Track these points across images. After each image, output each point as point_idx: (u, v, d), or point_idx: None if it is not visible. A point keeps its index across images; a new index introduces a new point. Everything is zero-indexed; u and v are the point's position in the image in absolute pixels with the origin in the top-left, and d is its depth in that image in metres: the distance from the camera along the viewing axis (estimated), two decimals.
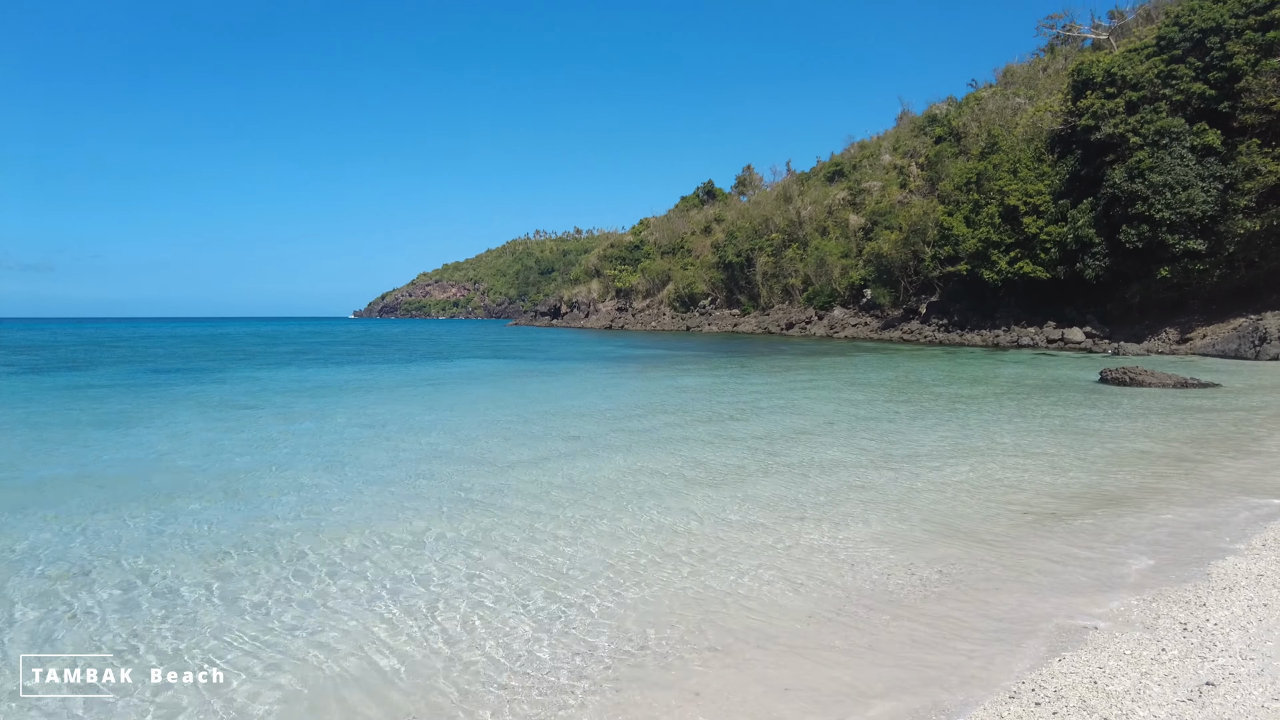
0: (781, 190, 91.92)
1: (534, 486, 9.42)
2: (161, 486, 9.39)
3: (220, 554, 6.80)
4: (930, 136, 74.16)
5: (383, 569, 6.43)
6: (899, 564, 6.48)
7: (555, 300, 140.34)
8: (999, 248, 46.07)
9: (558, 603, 5.69)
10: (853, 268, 68.83)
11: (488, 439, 13.03)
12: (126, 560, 6.63)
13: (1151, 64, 40.31)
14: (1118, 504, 8.42)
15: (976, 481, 9.58)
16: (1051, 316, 45.32)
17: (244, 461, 11.04)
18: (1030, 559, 6.59)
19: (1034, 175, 46.19)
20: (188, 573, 6.31)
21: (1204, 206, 36.67)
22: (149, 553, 6.84)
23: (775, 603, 5.69)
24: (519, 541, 7.18)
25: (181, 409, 17.06)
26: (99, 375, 26.43)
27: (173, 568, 6.43)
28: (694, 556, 6.75)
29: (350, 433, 13.79)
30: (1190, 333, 37.27)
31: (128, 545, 7.05)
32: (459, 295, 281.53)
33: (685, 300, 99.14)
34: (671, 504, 8.57)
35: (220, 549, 6.94)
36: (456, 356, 39.60)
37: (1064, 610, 5.42)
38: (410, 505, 8.53)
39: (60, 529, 7.56)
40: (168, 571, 6.34)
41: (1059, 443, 12.30)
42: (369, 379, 25.65)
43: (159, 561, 6.60)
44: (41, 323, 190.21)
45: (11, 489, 9.29)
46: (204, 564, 6.54)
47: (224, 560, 6.65)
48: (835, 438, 13.01)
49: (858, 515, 8.02)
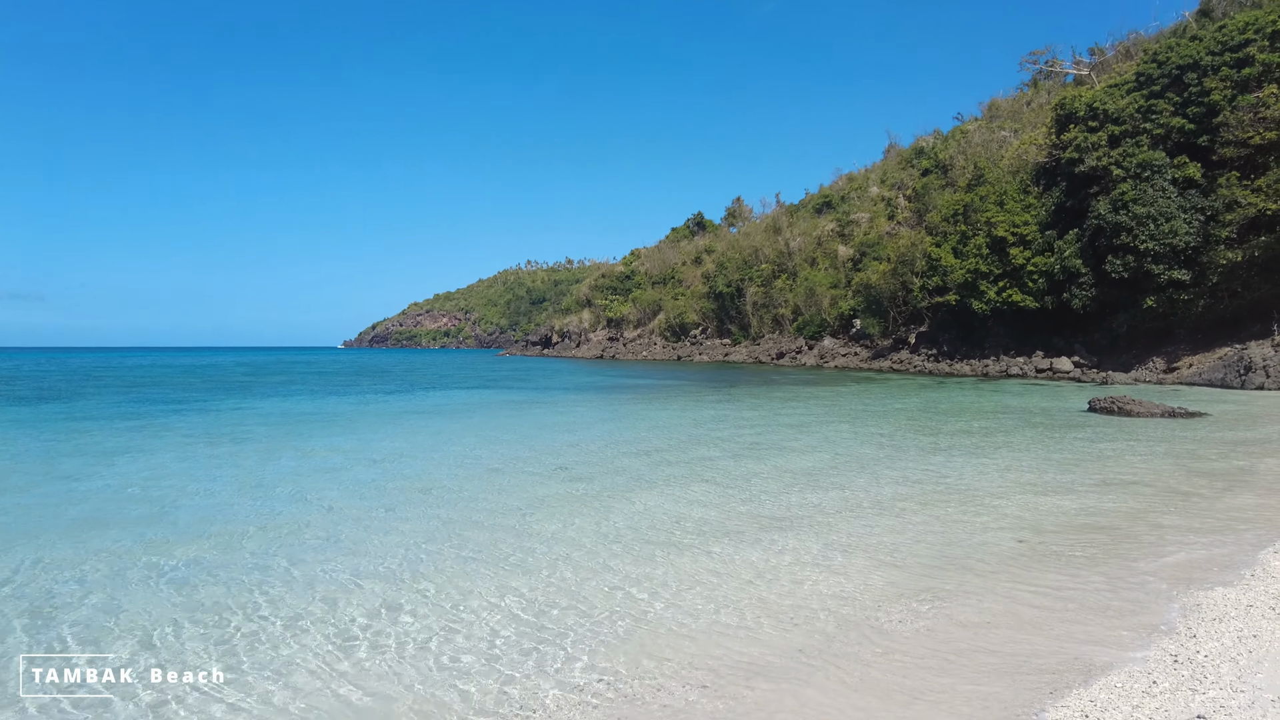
0: (771, 221, 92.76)
1: (515, 532, 9.34)
2: (121, 522, 9.26)
3: (191, 603, 6.69)
4: (917, 169, 75.16)
5: (332, 625, 6.33)
6: (892, 596, 6.43)
7: (546, 330, 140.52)
8: (987, 278, 46.50)
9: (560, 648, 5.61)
10: (842, 298, 69.26)
11: (470, 478, 12.94)
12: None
13: (1132, 99, 41.10)
14: (1106, 535, 8.40)
15: (968, 512, 9.55)
16: (1040, 346, 45.62)
17: (218, 501, 10.92)
18: (1021, 591, 6.55)
19: (1020, 207, 46.78)
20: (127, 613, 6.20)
21: (1186, 238, 37.18)
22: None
23: (761, 638, 5.62)
24: (514, 577, 7.09)
25: (161, 441, 16.90)
26: (82, 406, 26.19)
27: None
28: (670, 591, 6.68)
29: (327, 468, 13.66)
30: (1177, 362, 37.56)
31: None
32: (450, 325, 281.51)
33: (676, 330, 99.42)
34: (652, 537, 8.51)
35: (186, 597, 6.83)
36: (446, 387, 39.47)
37: (1056, 643, 5.38)
38: (382, 552, 8.43)
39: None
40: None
41: (1049, 473, 12.31)
42: (354, 410, 25.51)
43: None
44: (31, 352, 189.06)
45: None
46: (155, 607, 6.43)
47: (191, 608, 6.53)
48: (822, 467, 12.97)
49: (849, 547, 7.97)
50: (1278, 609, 5.81)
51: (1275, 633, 5.34)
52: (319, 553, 7.82)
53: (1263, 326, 35.65)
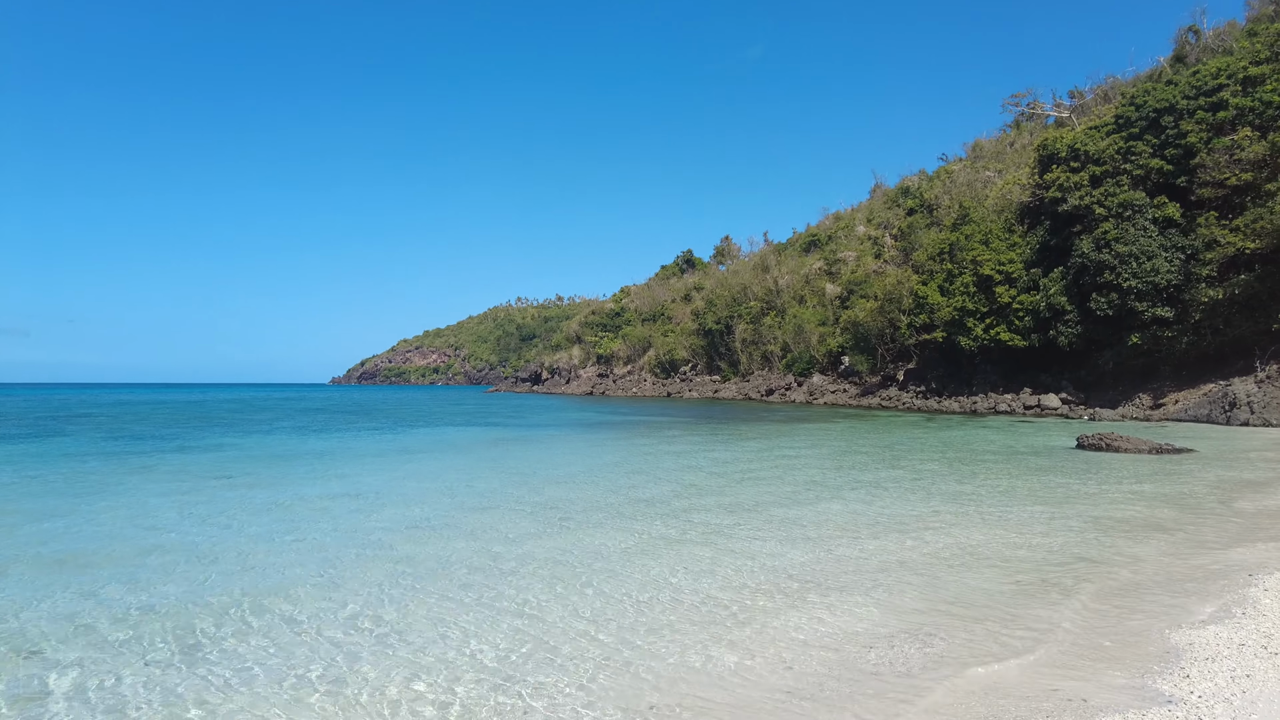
0: (759, 260, 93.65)
1: (499, 565, 9.22)
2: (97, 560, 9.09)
3: (170, 629, 6.54)
4: (903, 208, 76.27)
5: (293, 652, 6.20)
6: (882, 636, 6.35)
7: (536, 366, 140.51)
8: (974, 315, 46.92)
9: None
10: (830, 335, 69.66)
11: (460, 514, 12.81)
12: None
13: (1112, 140, 41.99)
14: (1097, 572, 8.36)
15: (959, 550, 9.49)
16: (1027, 383, 45.91)
17: (205, 537, 10.74)
18: (1015, 630, 6.49)
19: (1005, 245, 47.42)
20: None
21: (1168, 276, 37.73)
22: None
23: (756, 679, 5.53)
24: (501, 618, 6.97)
25: (144, 479, 16.67)
26: (63, 444, 25.87)
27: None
28: (658, 635, 6.58)
29: (310, 508, 13.49)
30: (1163, 398, 37.84)
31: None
32: (439, 361, 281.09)
33: (666, 366, 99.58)
34: (636, 575, 8.41)
35: (157, 627, 6.68)
36: (433, 424, 39.24)
37: (1049, 683, 5.32)
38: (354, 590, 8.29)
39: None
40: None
41: (1038, 510, 12.29)
42: (342, 447, 25.29)
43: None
44: (14, 388, 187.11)
45: None
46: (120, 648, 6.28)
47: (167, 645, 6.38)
48: (816, 506, 12.90)
49: (841, 585, 7.90)
50: (1270, 647, 5.77)
51: (1268, 672, 5.30)
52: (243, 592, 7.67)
53: (1245, 363, 36.04)
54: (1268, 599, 7.07)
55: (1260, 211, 35.67)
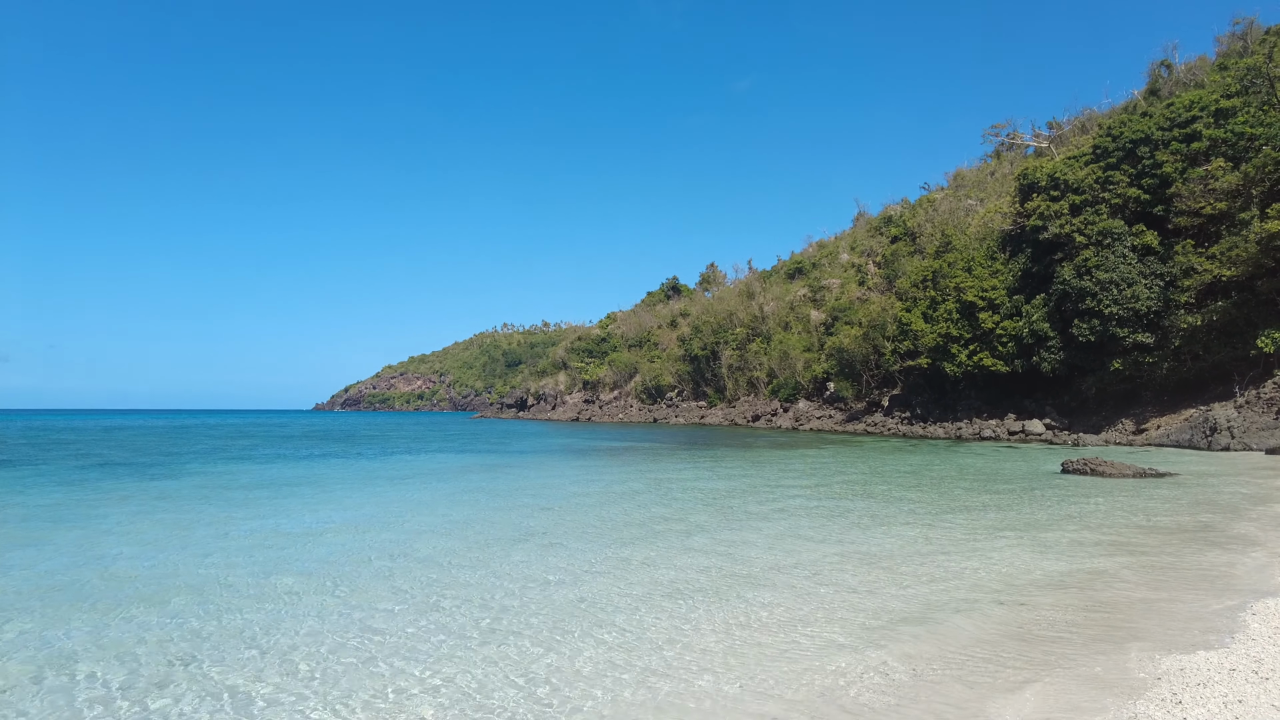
0: (744, 287, 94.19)
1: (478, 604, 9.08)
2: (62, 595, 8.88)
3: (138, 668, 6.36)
4: (886, 236, 77.13)
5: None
6: (871, 663, 6.28)
7: (522, 392, 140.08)
8: (958, 341, 47.29)
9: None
10: (815, 361, 69.96)
11: (443, 548, 12.64)
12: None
13: (1090, 170, 42.73)
14: (1086, 597, 8.33)
15: (945, 575, 9.45)
16: (1011, 409, 46.19)
17: (174, 567, 10.53)
18: (1003, 655, 6.43)
19: (988, 272, 47.96)
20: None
21: (1148, 302, 38.24)
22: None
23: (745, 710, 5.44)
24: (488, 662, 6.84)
25: (122, 508, 16.37)
26: (37, 471, 25.41)
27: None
28: (641, 668, 6.47)
29: (288, 541, 13.28)
30: (1145, 423, 38.15)
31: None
32: (424, 388, 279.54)
33: (652, 392, 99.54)
34: (618, 619, 8.30)
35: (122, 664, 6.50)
36: (417, 451, 38.89)
37: (1038, 709, 5.26)
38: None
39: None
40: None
41: (1024, 535, 12.28)
42: (324, 474, 24.99)
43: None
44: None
45: None
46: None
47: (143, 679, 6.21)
48: (801, 532, 12.83)
49: (824, 614, 7.82)
50: (1260, 672, 5.75)
51: (1260, 698, 5.27)
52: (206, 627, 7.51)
53: (1225, 388, 36.46)
54: (1257, 623, 7.06)
55: (1235, 240, 36.32)
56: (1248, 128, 37.83)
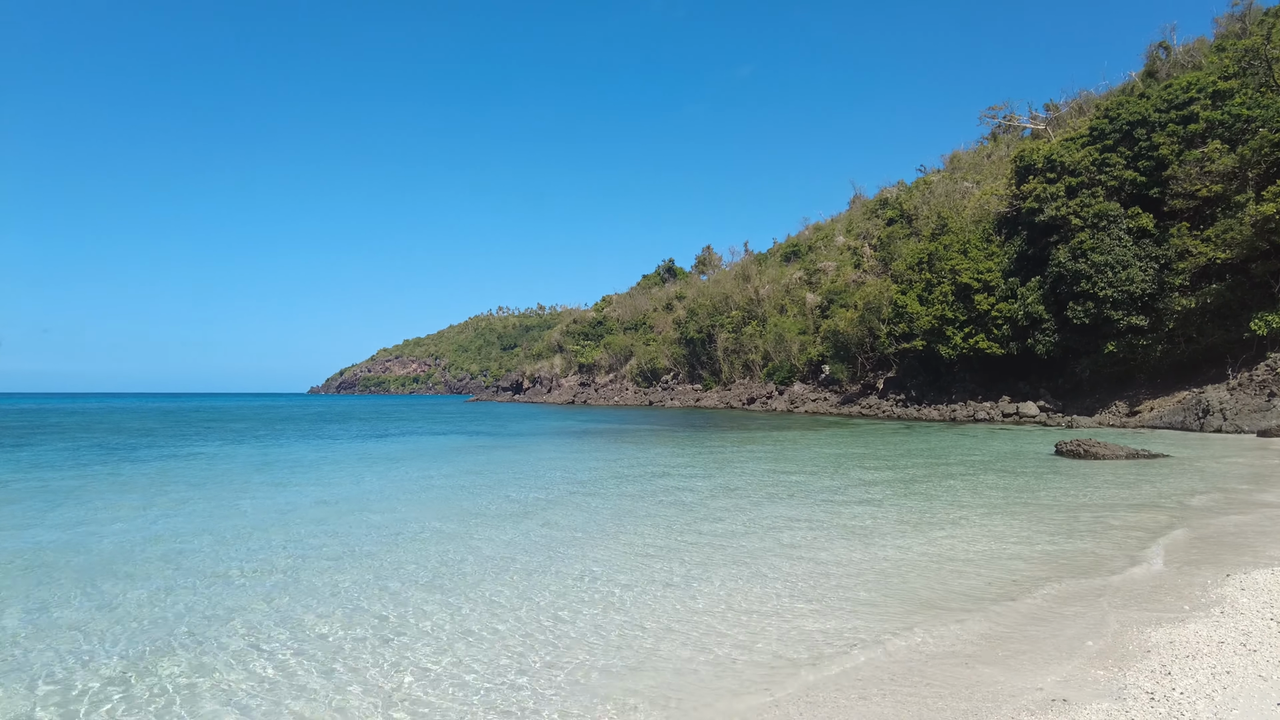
0: (740, 270, 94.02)
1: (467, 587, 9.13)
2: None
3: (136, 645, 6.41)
4: (882, 218, 76.91)
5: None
6: (869, 639, 6.35)
7: (518, 375, 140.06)
8: (953, 324, 47.33)
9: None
10: (811, 344, 70.01)
11: (442, 528, 12.68)
12: None
13: (1086, 152, 42.61)
14: (1077, 574, 8.42)
15: (941, 555, 9.53)
16: (1006, 391, 46.34)
17: (166, 549, 10.57)
18: (998, 630, 6.51)
19: (983, 255, 47.92)
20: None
21: (1143, 285, 38.29)
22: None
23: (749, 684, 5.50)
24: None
25: (107, 486, 16.39)
26: (38, 452, 25.39)
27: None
28: (653, 634, 6.54)
29: (286, 517, 13.32)
30: (1139, 406, 38.32)
31: None
32: (419, 371, 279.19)
33: (648, 375, 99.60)
34: (624, 580, 8.36)
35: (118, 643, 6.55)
36: (412, 433, 38.92)
37: (1032, 682, 5.33)
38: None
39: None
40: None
41: (1018, 515, 12.38)
42: (321, 455, 25.02)
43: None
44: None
45: None
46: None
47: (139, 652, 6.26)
48: (795, 512, 12.91)
49: (826, 593, 7.90)
50: (1248, 644, 5.83)
51: (1247, 669, 5.34)
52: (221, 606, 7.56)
53: (1218, 371, 36.60)
54: (1245, 598, 7.15)
55: (1230, 222, 36.32)
56: (1245, 110, 37.72)
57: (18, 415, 61.14)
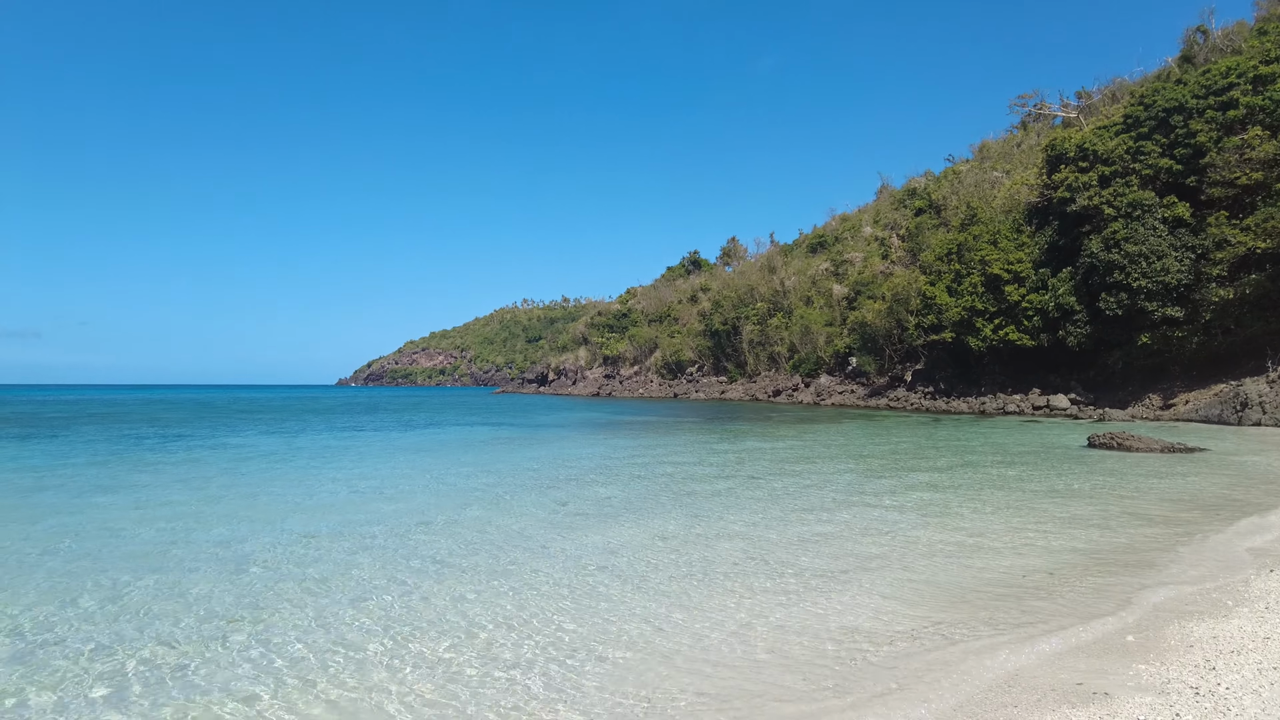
0: (766, 261, 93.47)
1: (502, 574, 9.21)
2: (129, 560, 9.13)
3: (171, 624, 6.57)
4: (910, 209, 76.05)
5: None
6: (903, 631, 6.34)
7: (543, 367, 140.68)
8: (983, 315, 46.76)
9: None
10: (837, 336, 69.54)
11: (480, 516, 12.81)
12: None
13: (1120, 140, 41.80)
14: (1116, 567, 8.33)
15: (977, 545, 9.47)
16: (1036, 383, 45.74)
17: (215, 537, 10.79)
18: (1034, 624, 6.46)
19: (1014, 245, 47.25)
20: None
21: (1178, 275, 37.54)
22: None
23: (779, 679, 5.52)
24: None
25: (157, 476, 16.74)
26: (76, 444, 25.98)
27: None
28: (691, 633, 6.58)
29: (317, 503, 13.53)
30: (1173, 398, 37.64)
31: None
32: (445, 363, 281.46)
33: (672, 367, 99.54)
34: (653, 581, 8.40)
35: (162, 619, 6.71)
36: (441, 424, 39.27)
37: (1072, 675, 5.29)
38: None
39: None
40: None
41: (1051, 508, 12.24)
42: (351, 445, 25.34)
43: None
44: (26, 389, 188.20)
45: None
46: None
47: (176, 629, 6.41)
48: (826, 504, 12.88)
49: (854, 582, 7.89)
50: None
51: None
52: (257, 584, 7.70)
53: (1257, 363, 35.83)
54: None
55: (1271, 211, 35.47)
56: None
57: (58, 407, 62.58)
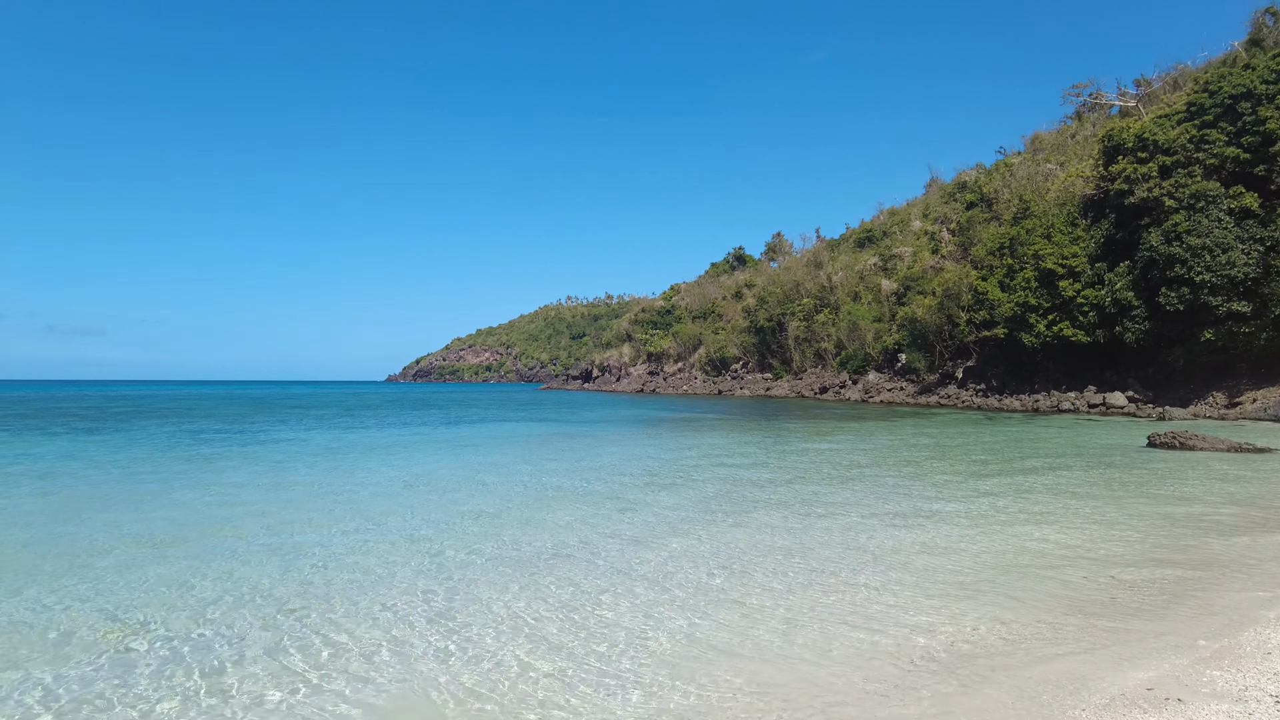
0: (812, 256, 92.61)
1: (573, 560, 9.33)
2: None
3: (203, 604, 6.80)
4: (961, 202, 74.59)
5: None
6: (963, 630, 6.28)
7: (587, 364, 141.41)
8: (1036, 311, 45.71)
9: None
10: (886, 332, 68.59)
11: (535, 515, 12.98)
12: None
13: (1183, 129, 40.42)
14: (1184, 570, 8.12)
15: (1036, 548, 9.31)
16: (1092, 381, 44.55)
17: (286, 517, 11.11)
18: (1101, 626, 6.35)
19: (1068, 239, 46.07)
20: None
21: (1245, 269, 36.20)
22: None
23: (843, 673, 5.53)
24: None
25: (226, 466, 17.30)
26: (150, 437, 26.97)
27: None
28: (746, 619, 6.60)
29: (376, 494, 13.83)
30: (1239, 397, 36.33)
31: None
32: (491, 360, 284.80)
33: (717, 364, 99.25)
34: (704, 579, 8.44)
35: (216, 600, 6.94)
36: (493, 419, 39.80)
37: (1142, 680, 5.20)
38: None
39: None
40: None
41: (1115, 509, 11.96)
42: (404, 439, 25.84)
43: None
44: (92, 384, 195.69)
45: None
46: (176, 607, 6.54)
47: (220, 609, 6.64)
48: (883, 504, 12.77)
49: (911, 583, 7.83)
50: None
51: None
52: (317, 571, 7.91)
53: None
54: None
55: None
56: None
57: (125, 401, 64.90)
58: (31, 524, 10.81)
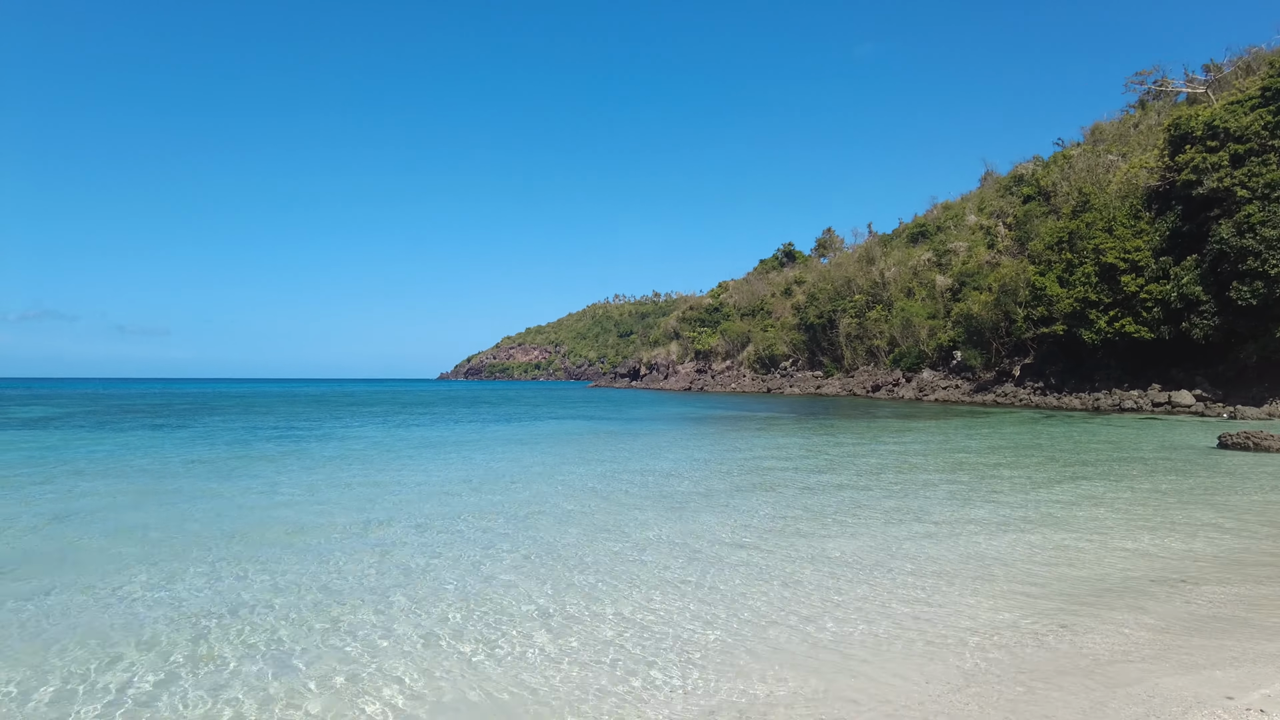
0: (864, 252, 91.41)
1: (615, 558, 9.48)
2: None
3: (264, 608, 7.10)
4: (1017, 196, 72.88)
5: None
6: (1028, 635, 6.26)
7: (635, 362, 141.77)
8: (1096, 307, 44.46)
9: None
10: (940, 329, 67.39)
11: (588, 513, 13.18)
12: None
13: (1257, 115, 38.87)
14: (1262, 574, 7.92)
15: (1104, 549, 9.16)
16: (1156, 379, 43.15)
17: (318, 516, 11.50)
18: (1176, 634, 6.26)
19: (1131, 233, 44.68)
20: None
21: None
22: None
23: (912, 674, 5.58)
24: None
25: (287, 463, 17.91)
26: (223, 431, 28.02)
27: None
28: (807, 622, 6.68)
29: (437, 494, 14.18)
30: None
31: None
32: (540, 358, 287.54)
33: (766, 362, 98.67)
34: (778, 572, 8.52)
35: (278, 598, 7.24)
36: (546, 417, 40.29)
37: (1220, 688, 5.14)
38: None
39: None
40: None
41: (1183, 511, 11.67)
42: (461, 436, 26.36)
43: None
44: (157, 382, 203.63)
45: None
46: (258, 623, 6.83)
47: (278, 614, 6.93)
48: (942, 506, 12.66)
49: (975, 586, 7.80)
50: None
51: None
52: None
53: None
54: None
55: None
56: None
57: (187, 399, 67.33)
58: (222, 514, 11.38)
